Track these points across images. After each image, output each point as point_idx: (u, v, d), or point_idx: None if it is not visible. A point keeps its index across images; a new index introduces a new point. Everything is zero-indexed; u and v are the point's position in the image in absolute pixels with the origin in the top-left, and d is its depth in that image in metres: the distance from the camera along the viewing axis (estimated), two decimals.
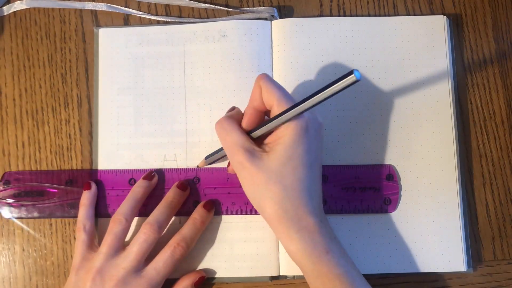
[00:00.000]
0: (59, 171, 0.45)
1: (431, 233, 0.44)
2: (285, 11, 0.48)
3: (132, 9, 0.47)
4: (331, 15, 0.48)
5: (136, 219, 0.44)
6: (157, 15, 0.47)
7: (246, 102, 0.45)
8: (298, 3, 0.48)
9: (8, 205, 0.45)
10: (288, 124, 0.37)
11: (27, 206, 0.45)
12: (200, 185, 0.45)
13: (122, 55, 0.46)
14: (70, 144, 0.46)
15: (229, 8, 0.47)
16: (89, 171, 0.45)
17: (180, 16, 0.48)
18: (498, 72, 0.47)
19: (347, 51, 0.46)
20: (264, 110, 0.39)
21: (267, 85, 0.38)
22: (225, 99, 0.45)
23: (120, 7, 0.47)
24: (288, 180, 0.36)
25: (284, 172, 0.36)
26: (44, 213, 0.45)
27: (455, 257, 0.43)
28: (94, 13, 0.47)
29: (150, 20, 0.47)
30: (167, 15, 0.48)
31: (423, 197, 0.44)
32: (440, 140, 0.45)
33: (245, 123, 0.39)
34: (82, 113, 0.46)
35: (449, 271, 0.43)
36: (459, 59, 0.47)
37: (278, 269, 0.43)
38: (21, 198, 0.45)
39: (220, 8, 0.47)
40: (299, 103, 0.36)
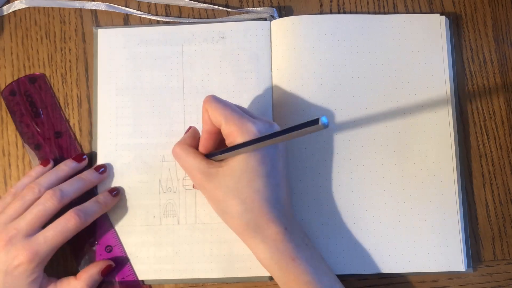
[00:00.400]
0: None
1: (430, 233, 0.44)
2: (285, 11, 0.48)
3: (132, 9, 0.47)
4: (331, 14, 0.48)
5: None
6: (157, 15, 0.47)
7: (245, 103, 0.45)
8: (298, 3, 0.48)
9: None
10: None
11: None
12: None
13: (121, 55, 0.46)
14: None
15: (229, 9, 0.47)
16: None
17: (180, 16, 0.48)
18: (498, 72, 0.47)
19: (346, 49, 0.46)
20: (217, 131, 0.40)
21: (212, 106, 0.38)
22: None
23: (120, 7, 0.47)
24: (245, 193, 0.37)
25: (240, 186, 0.37)
26: None
27: (455, 257, 0.43)
28: (94, 13, 0.48)
29: (150, 20, 0.47)
30: (167, 15, 0.48)
31: (422, 197, 0.44)
32: (438, 140, 0.45)
33: (202, 148, 0.41)
34: (82, 113, 0.46)
35: (449, 271, 0.43)
36: (459, 59, 0.47)
37: None
38: None
39: (220, 9, 0.47)
40: (258, 140, 0.36)
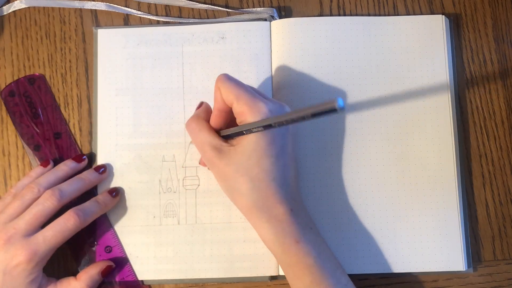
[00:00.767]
0: None
1: (430, 233, 0.44)
2: (285, 12, 0.48)
3: (132, 9, 0.47)
4: (331, 15, 0.48)
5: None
6: (157, 15, 0.47)
7: None
8: (298, 3, 0.48)
9: None
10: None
11: None
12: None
13: (121, 56, 0.46)
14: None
15: (229, 9, 0.47)
16: None
17: (180, 17, 0.48)
18: (498, 72, 0.47)
19: (345, 51, 0.46)
20: (228, 109, 0.40)
21: (225, 85, 0.39)
22: None
23: (120, 7, 0.47)
24: (254, 172, 0.38)
25: (250, 165, 0.38)
26: None
27: (455, 257, 0.43)
28: (94, 13, 0.47)
29: (150, 20, 0.47)
30: (167, 15, 0.48)
31: (422, 197, 0.44)
32: (439, 140, 0.45)
33: (213, 123, 0.41)
34: (82, 113, 0.46)
35: (448, 271, 0.43)
36: (459, 59, 0.47)
37: (278, 269, 0.43)
38: None
39: (220, 9, 0.47)
40: (271, 118, 0.35)
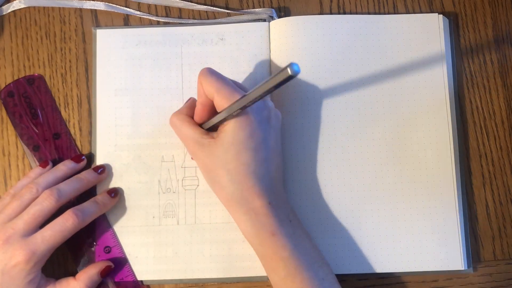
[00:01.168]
0: None
1: (430, 232, 0.44)
2: (285, 12, 0.48)
3: (132, 9, 0.47)
4: (331, 15, 0.48)
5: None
6: (157, 16, 0.47)
7: None
8: (298, 3, 0.48)
9: None
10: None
11: None
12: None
13: (120, 56, 0.46)
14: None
15: (228, 10, 0.47)
16: None
17: (180, 17, 0.48)
18: (498, 72, 0.47)
19: (344, 50, 0.46)
20: (210, 103, 0.40)
21: (206, 79, 0.39)
22: None
23: (120, 7, 0.47)
24: (232, 165, 0.38)
25: (228, 158, 0.38)
26: None
27: (454, 256, 0.43)
28: (94, 13, 0.48)
29: (150, 21, 0.47)
30: (167, 16, 0.48)
31: (421, 196, 0.44)
32: (438, 140, 0.45)
33: (196, 118, 0.41)
34: (82, 113, 0.46)
35: (448, 270, 0.43)
36: (459, 59, 0.47)
37: None
38: None
39: (219, 10, 0.47)
40: (238, 100, 0.36)
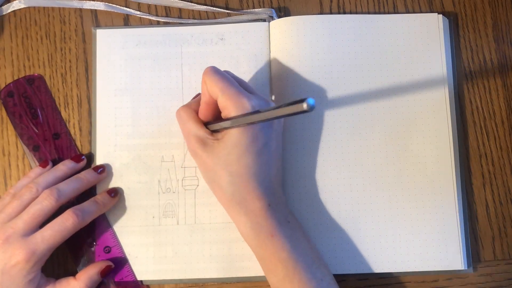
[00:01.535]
0: None
1: (430, 232, 0.44)
2: (285, 12, 0.48)
3: (132, 9, 0.47)
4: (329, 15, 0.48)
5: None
6: (157, 16, 0.47)
7: None
8: (298, 3, 0.48)
9: None
10: None
11: None
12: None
13: (120, 56, 0.46)
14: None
15: (228, 10, 0.47)
16: None
17: (180, 17, 0.48)
18: (498, 72, 0.47)
19: (344, 49, 0.46)
20: (214, 102, 0.40)
21: (210, 78, 0.39)
22: None
23: (120, 7, 0.47)
24: (234, 167, 0.38)
25: (230, 160, 0.38)
26: None
27: (454, 256, 0.43)
28: (94, 13, 0.48)
29: (150, 21, 0.47)
30: (167, 16, 0.48)
31: (422, 196, 0.44)
32: (437, 139, 0.45)
33: (201, 116, 0.41)
34: (82, 113, 0.46)
35: (448, 270, 0.43)
36: (459, 59, 0.47)
37: None
38: None
39: (219, 11, 0.47)
40: (246, 116, 0.36)
